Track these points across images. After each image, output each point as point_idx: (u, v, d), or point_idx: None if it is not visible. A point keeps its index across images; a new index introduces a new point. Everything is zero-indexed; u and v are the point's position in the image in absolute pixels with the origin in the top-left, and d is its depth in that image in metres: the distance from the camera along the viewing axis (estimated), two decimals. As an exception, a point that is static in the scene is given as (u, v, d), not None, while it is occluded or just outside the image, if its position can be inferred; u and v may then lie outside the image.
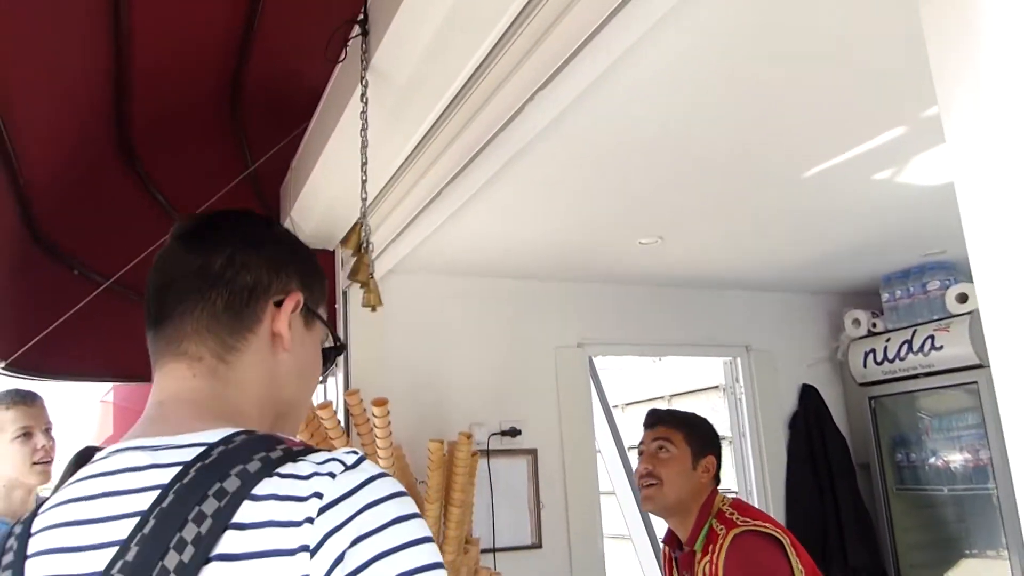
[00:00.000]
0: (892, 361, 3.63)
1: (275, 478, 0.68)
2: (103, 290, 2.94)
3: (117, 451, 0.77)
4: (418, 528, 0.68)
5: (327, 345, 0.95)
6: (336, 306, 3.24)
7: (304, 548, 0.64)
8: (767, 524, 2.08)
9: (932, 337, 3.45)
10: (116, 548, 0.67)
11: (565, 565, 3.26)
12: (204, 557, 0.64)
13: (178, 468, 0.70)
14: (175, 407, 0.81)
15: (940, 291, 3.47)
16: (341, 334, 3.17)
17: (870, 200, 2.74)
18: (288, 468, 0.69)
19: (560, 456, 3.37)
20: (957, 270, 3.48)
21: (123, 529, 0.68)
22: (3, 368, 2.80)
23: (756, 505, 3.76)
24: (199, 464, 0.70)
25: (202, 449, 0.71)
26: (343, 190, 2.35)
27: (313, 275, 0.92)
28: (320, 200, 2.58)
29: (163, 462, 0.72)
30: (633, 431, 6.63)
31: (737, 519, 2.08)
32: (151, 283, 0.87)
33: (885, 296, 3.71)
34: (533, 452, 3.32)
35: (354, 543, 0.65)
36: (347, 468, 0.69)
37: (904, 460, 3.76)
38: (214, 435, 0.74)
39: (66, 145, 2.75)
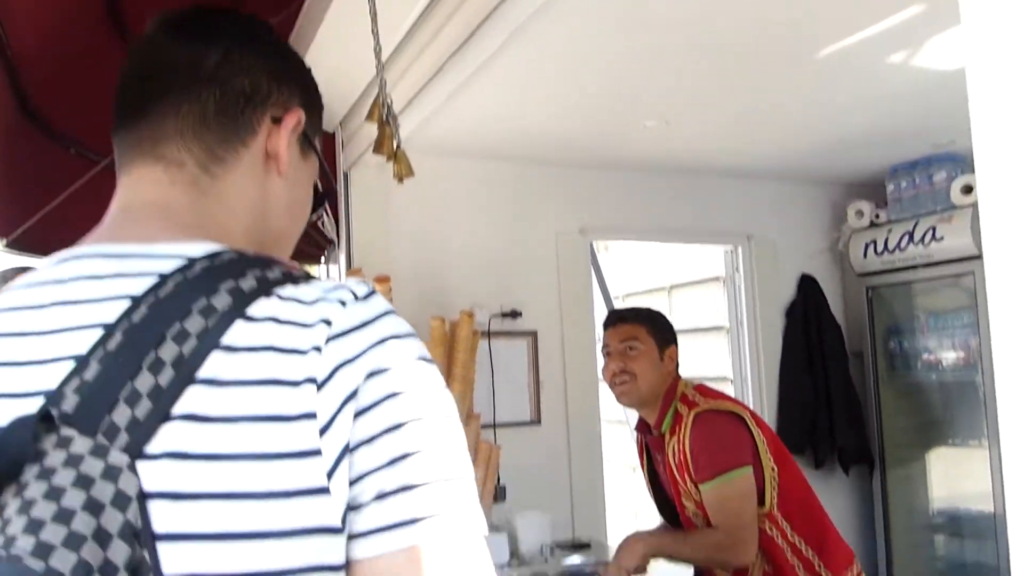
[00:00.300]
0: (892, 252, 3.65)
1: (274, 299, 0.58)
2: (103, 169, 2.94)
3: (69, 259, 0.64)
4: (437, 373, 0.60)
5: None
6: (337, 187, 3.24)
7: (311, 380, 0.55)
8: (727, 402, 2.26)
9: (934, 229, 3.46)
10: (71, 363, 0.55)
11: (563, 440, 3.38)
12: (186, 381, 0.53)
13: (153, 279, 0.58)
14: (146, 214, 0.68)
15: (945, 183, 3.45)
16: (343, 217, 3.18)
17: (882, 85, 2.70)
18: (289, 291, 0.59)
19: (560, 339, 3.43)
20: (965, 162, 3.45)
21: (80, 343, 0.56)
22: (4, 246, 2.82)
23: (750, 393, 3.87)
24: (180, 277, 0.58)
25: (182, 262, 0.60)
26: (343, 63, 2.31)
27: (315, 95, 0.80)
28: (319, 76, 2.54)
29: (132, 271, 0.60)
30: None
31: (699, 400, 2.24)
32: (124, 74, 0.74)
33: (890, 187, 3.69)
34: (533, 334, 3.38)
35: (369, 376, 0.56)
36: (358, 299, 0.60)
37: (897, 349, 3.83)
38: (196, 248, 0.62)
39: (54, 16, 2.69)
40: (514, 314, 3.32)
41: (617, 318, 2.41)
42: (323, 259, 3.53)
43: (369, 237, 3.14)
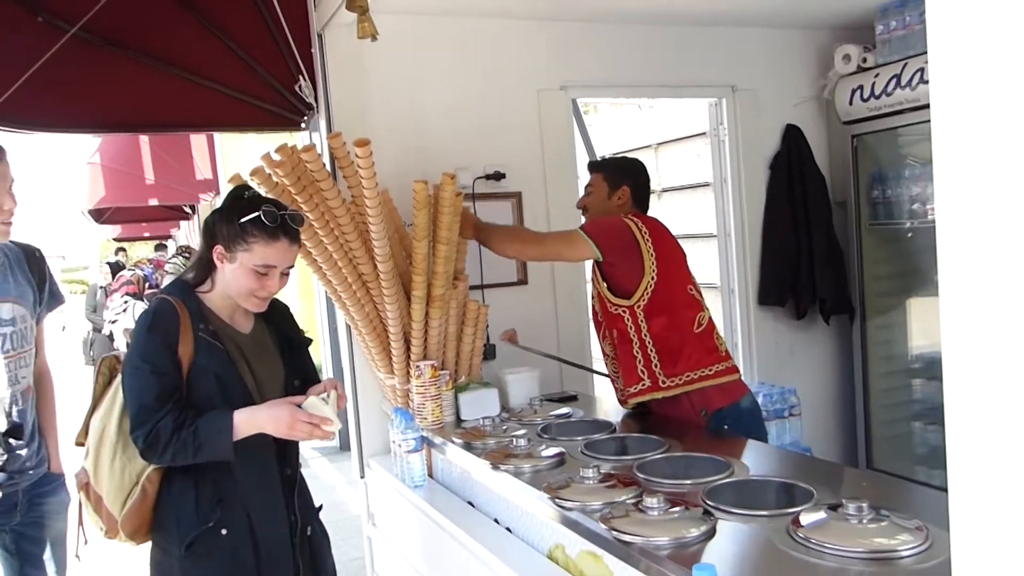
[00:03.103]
0: (879, 97, 3.60)
1: None
2: (73, 39, 2.85)
3: None
4: None
5: None
6: (312, 50, 3.15)
7: None
8: (633, 216, 2.72)
9: (922, 69, 3.40)
10: None
11: (550, 300, 3.44)
12: None
13: None
14: None
15: (935, 22, 3.36)
16: (320, 79, 3.11)
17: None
18: None
19: (544, 199, 3.43)
20: (955, -1, 3.35)
21: None
22: (-21, 118, 2.76)
23: (734, 247, 3.92)
24: None
25: None
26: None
27: None
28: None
29: None
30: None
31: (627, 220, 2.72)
32: None
33: (879, 28, 3.59)
34: (517, 195, 3.38)
35: None
36: None
37: (880, 196, 3.85)
38: None
39: None
40: (497, 176, 3.30)
41: (588, 168, 3.05)
42: (303, 125, 3.48)
43: (347, 101, 3.09)
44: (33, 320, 2.42)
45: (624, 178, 2.84)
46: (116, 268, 9.14)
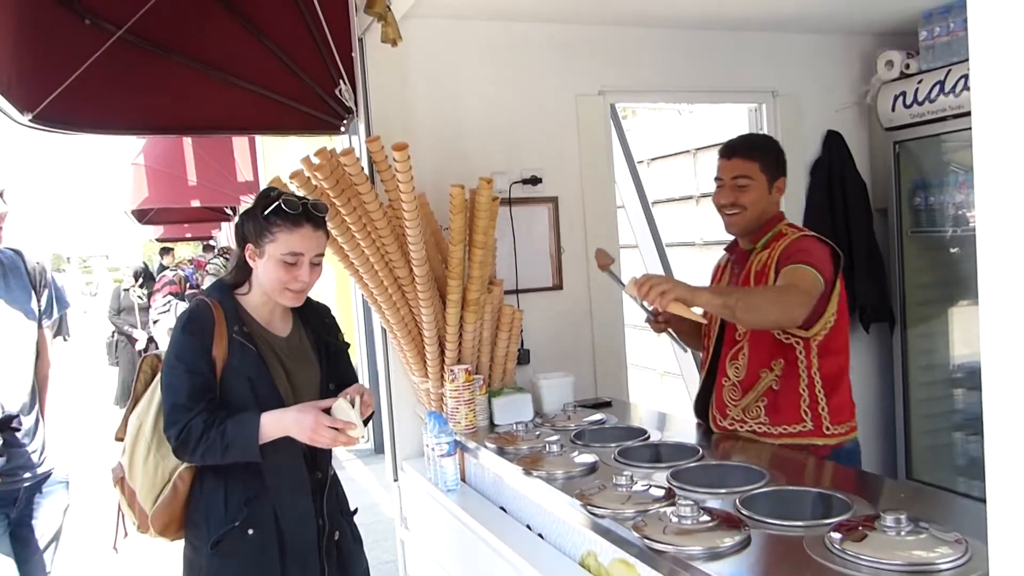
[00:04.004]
0: (921, 103, 3.54)
1: None
2: (119, 42, 2.91)
3: None
4: None
5: None
6: (353, 55, 3.18)
7: None
8: (822, 237, 2.37)
9: (966, 76, 3.34)
10: None
11: (585, 305, 3.43)
12: None
13: None
14: None
15: (981, 28, 3.30)
16: (360, 85, 3.14)
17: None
18: None
19: (581, 204, 3.43)
20: (1002, 5, 3.28)
21: None
22: (30, 120, 2.83)
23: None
24: None
25: None
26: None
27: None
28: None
29: None
30: (660, 186, 6.68)
31: (807, 230, 2.43)
32: None
33: (923, 34, 3.54)
34: (554, 200, 3.38)
35: None
36: None
37: (922, 204, 3.78)
38: None
39: None
40: (534, 180, 3.31)
41: (731, 152, 2.46)
42: (343, 129, 3.52)
43: (386, 105, 3.11)
44: (33, 324, 2.48)
45: (782, 166, 2.45)
46: (140, 274, 9.16)
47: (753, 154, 2.40)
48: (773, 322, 2.21)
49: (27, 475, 2.44)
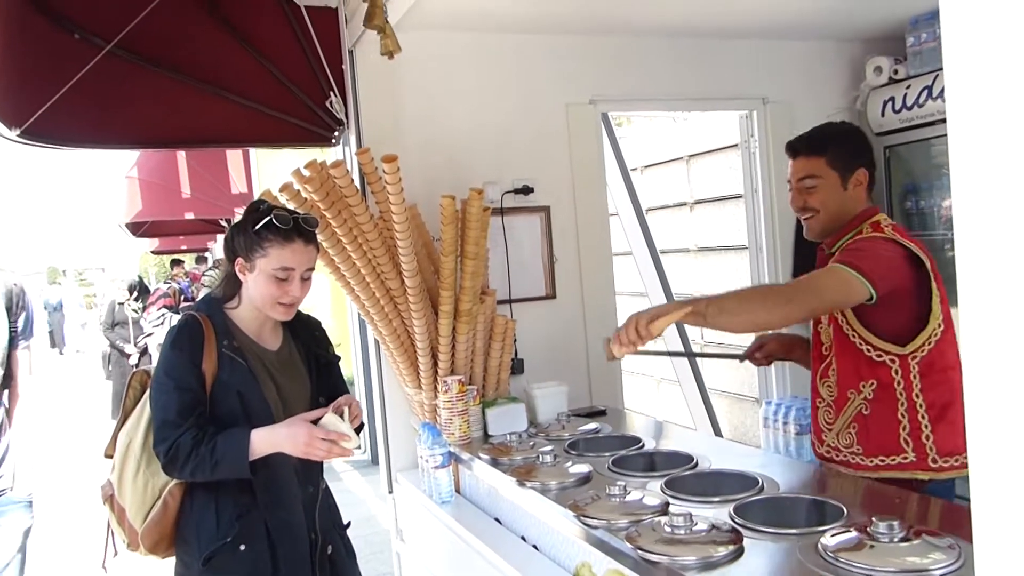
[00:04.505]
0: (910, 108, 3.56)
1: None
2: (109, 56, 2.91)
3: None
4: None
5: None
6: (343, 67, 3.19)
7: None
8: (912, 243, 2.06)
9: (954, 81, 3.35)
10: None
11: (578, 314, 3.42)
12: None
13: None
14: None
15: (968, 33, 3.32)
16: (350, 95, 3.14)
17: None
18: None
19: (573, 213, 3.43)
20: (989, 9, 3.30)
21: None
22: (18, 135, 2.83)
23: (766, 260, 3.87)
24: None
25: None
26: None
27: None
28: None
29: None
30: (654, 193, 6.66)
31: (887, 229, 2.09)
32: None
33: (910, 40, 3.55)
34: (546, 209, 3.38)
35: None
36: None
37: (913, 207, 3.79)
38: None
39: None
40: (526, 190, 3.31)
41: (794, 150, 2.22)
42: (335, 141, 3.52)
43: (377, 116, 3.12)
44: (4, 345, 2.50)
45: (858, 156, 2.16)
46: (135, 287, 9.10)
47: (818, 149, 2.15)
48: (751, 324, 2.02)
49: None
